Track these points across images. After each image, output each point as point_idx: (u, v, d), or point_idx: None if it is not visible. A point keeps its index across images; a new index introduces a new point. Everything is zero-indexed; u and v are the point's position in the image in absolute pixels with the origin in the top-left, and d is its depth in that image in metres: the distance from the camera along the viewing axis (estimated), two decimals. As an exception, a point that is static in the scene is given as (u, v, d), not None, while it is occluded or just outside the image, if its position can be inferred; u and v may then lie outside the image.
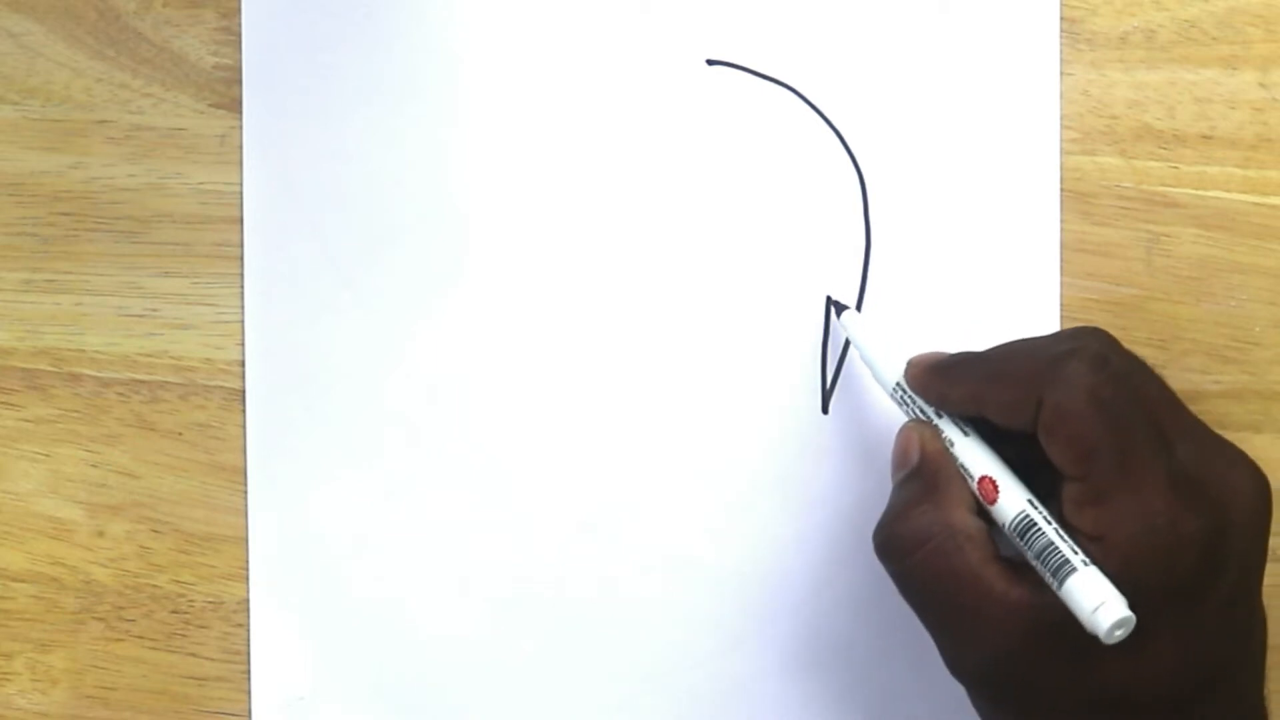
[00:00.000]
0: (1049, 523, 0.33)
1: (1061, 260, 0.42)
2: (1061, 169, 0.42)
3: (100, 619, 0.45)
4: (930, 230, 0.43)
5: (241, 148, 0.44)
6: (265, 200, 0.44)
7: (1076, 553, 0.32)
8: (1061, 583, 0.31)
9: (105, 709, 0.45)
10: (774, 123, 0.43)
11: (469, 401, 0.44)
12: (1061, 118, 0.42)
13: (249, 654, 0.44)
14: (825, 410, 0.43)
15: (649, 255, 0.43)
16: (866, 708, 0.43)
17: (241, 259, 0.44)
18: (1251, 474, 0.34)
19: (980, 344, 0.36)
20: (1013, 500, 0.34)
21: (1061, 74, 0.42)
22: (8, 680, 0.45)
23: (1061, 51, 0.42)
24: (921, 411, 0.37)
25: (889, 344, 0.39)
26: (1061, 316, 0.42)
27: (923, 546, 0.34)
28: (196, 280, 0.44)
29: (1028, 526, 0.33)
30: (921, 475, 0.36)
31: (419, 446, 0.44)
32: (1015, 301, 0.42)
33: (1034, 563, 0.33)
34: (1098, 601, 0.30)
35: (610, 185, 0.43)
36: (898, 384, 0.38)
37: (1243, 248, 0.42)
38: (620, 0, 0.43)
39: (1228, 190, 0.42)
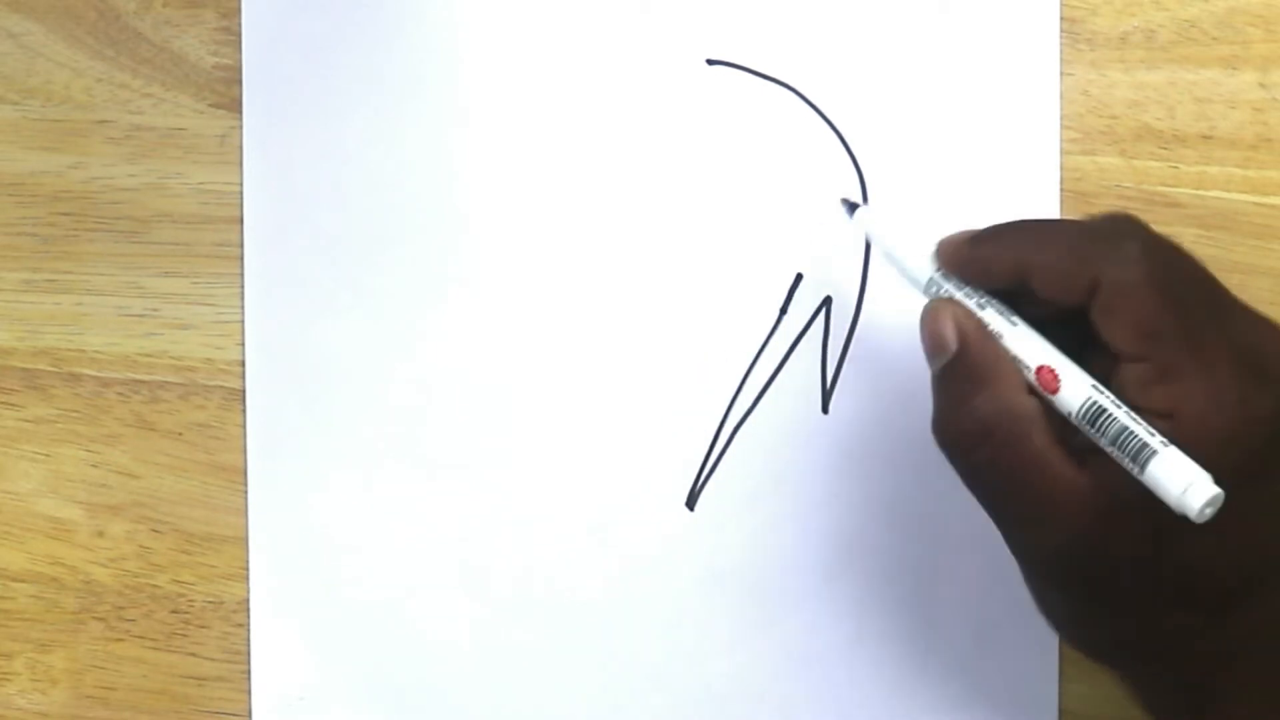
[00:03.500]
0: (1119, 407, 0.31)
1: (1061, 260, 0.42)
2: (1061, 169, 0.42)
3: (100, 619, 0.45)
4: (930, 231, 0.42)
5: (241, 148, 0.44)
6: (265, 200, 0.44)
7: (1154, 434, 0.31)
8: (1144, 466, 0.30)
9: (105, 709, 0.45)
10: (774, 123, 0.43)
11: (469, 401, 0.44)
12: (1061, 118, 0.42)
13: (249, 654, 0.44)
14: (825, 410, 0.43)
15: (649, 255, 0.43)
16: (868, 706, 0.43)
17: (241, 259, 0.44)
18: None
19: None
20: (1077, 388, 0.32)
21: (1061, 74, 0.42)
22: (8, 680, 0.45)
23: (1061, 51, 0.42)
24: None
25: (913, 235, 0.37)
26: (1061, 316, 0.42)
27: (989, 438, 0.33)
28: (196, 280, 0.44)
29: (1098, 413, 0.32)
30: (968, 361, 0.34)
31: (419, 446, 0.44)
32: (1015, 301, 0.42)
33: (1109, 449, 0.31)
34: (1186, 482, 0.30)
35: (611, 185, 0.43)
36: (932, 277, 0.35)
37: (1243, 248, 0.42)
38: (620, 0, 0.43)
39: (1228, 190, 0.42)
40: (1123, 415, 0.31)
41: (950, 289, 0.35)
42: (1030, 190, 0.42)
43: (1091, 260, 0.32)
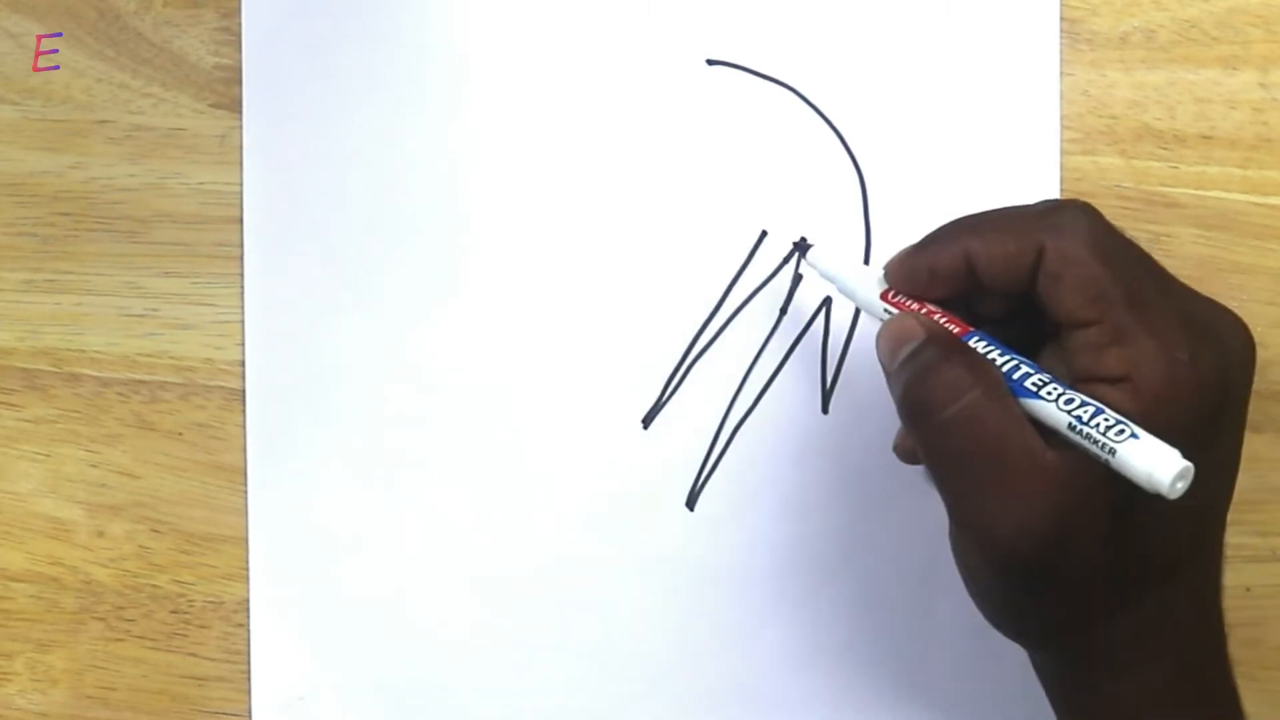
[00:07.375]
0: (1080, 393, 0.31)
1: (1061, 260, 0.42)
2: (1061, 169, 0.42)
3: (100, 619, 0.45)
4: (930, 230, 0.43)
5: (241, 148, 0.44)
6: (265, 200, 0.44)
7: (1118, 419, 0.30)
8: (1114, 451, 0.30)
9: (105, 709, 0.45)
10: (774, 123, 0.43)
11: (469, 401, 0.44)
12: (1061, 118, 0.42)
13: (249, 654, 0.44)
14: (825, 410, 0.43)
15: (650, 255, 0.43)
16: (866, 707, 0.43)
17: (241, 259, 0.44)
18: (1236, 318, 0.33)
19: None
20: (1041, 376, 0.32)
21: (1061, 74, 0.42)
22: (8, 680, 0.45)
23: (1061, 51, 0.42)
24: None
25: (861, 266, 0.38)
26: (1061, 316, 0.42)
27: (957, 401, 0.31)
28: (196, 280, 0.44)
29: (1065, 400, 0.31)
30: (940, 340, 0.33)
31: (419, 446, 0.44)
32: (1015, 301, 0.42)
33: (1074, 437, 0.30)
34: (1155, 460, 0.29)
35: (611, 185, 0.43)
36: (884, 296, 0.35)
37: (1243, 248, 0.42)
38: (621, 1, 0.43)
39: (1228, 190, 0.42)
40: (1086, 402, 0.31)
41: (902, 303, 0.35)
42: (1030, 190, 0.42)
43: (1032, 234, 0.32)
